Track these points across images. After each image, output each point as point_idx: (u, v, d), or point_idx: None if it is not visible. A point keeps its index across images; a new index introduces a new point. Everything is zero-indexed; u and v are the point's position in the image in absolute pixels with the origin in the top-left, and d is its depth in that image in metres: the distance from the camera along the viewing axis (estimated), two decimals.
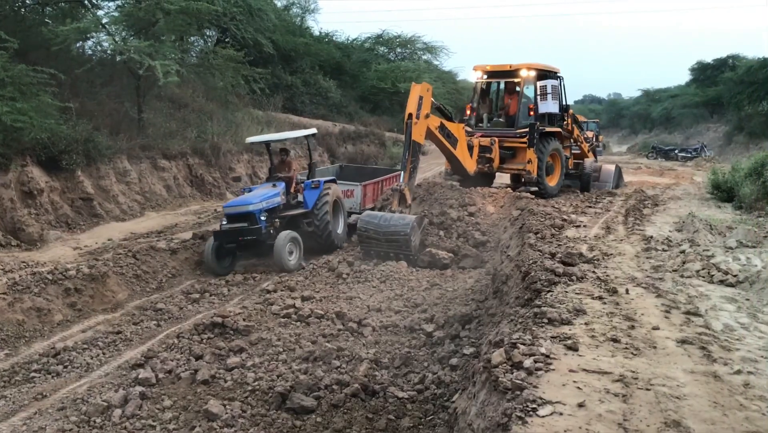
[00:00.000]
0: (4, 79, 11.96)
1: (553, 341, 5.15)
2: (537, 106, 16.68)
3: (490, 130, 17.15)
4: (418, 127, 13.37)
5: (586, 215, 12.81)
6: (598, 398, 4.19)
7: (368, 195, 15.63)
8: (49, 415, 6.77)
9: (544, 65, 17.29)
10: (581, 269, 7.41)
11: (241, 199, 13.18)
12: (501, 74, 17.65)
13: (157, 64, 15.13)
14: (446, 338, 8.40)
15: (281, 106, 26.77)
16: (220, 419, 6.46)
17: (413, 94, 13.45)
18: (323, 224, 13.56)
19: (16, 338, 9.11)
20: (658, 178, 22.33)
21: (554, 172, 17.30)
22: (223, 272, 12.38)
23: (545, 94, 16.65)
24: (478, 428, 4.31)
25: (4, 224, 12.36)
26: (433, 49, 45.17)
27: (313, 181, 14.03)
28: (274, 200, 13.07)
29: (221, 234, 12.33)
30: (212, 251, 12.28)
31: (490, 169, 16.60)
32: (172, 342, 8.43)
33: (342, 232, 14.50)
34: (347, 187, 15.42)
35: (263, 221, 12.42)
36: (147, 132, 17.40)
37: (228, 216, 12.46)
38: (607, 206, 14.36)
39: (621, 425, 3.85)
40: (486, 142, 16.32)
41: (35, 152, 13.42)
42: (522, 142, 16.48)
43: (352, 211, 15.24)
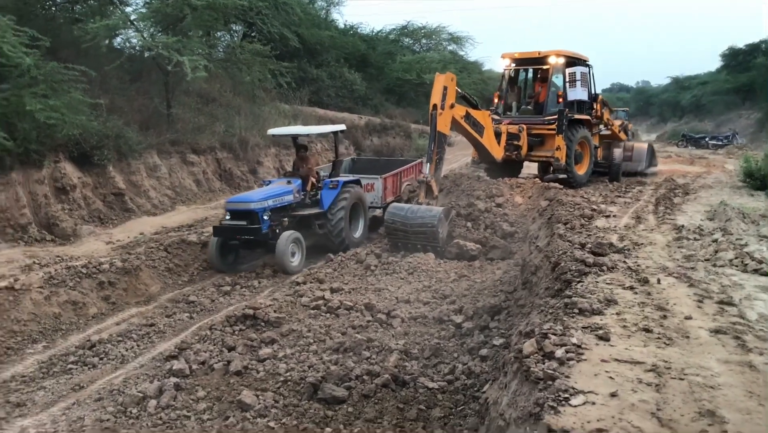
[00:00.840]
0: (37, 76, 12.16)
1: (584, 331, 5.14)
2: (566, 93, 16.54)
3: (518, 118, 17.04)
4: (443, 118, 13.32)
5: (615, 205, 12.72)
6: (630, 388, 4.18)
7: (389, 188, 15.26)
8: (87, 405, 6.94)
9: (572, 53, 17.13)
10: (612, 259, 7.36)
11: (244, 195, 12.90)
12: (529, 62, 17.52)
13: (185, 59, 15.28)
14: (475, 329, 8.41)
15: (307, 99, 26.86)
16: (253, 409, 6.56)
17: (437, 85, 13.40)
18: (336, 227, 13.13)
19: (53, 330, 9.34)
20: (688, 166, 22.02)
21: (583, 160, 17.14)
22: (227, 269, 12.17)
23: (574, 81, 16.51)
24: (510, 418, 4.33)
25: (39, 220, 12.62)
26: (459, 39, 44.97)
27: (332, 181, 13.53)
28: (285, 198, 12.61)
29: (221, 230, 12.05)
30: (216, 248, 12.05)
31: (518, 156, 16.49)
32: (205, 334, 8.56)
33: (361, 234, 14.09)
34: (367, 181, 14.89)
35: (266, 220, 11.98)
36: (176, 127, 17.59)
37: (230, 212, 12.15)
38: (636, 196, 14.22)
39: (654, 414, 3.85)
40: (514, 130, 16.22)
41: (67, 149, 13.67)
42: (550, 129, 16.34)
43: (374, 205, 14.94)
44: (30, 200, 12.59)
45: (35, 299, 9.52)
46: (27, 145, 12.27)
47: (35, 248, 11.76)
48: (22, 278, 9.73)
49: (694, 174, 18.84)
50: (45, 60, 12.66)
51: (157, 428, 6.38)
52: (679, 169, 20.60)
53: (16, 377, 7.88)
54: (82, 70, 13.26)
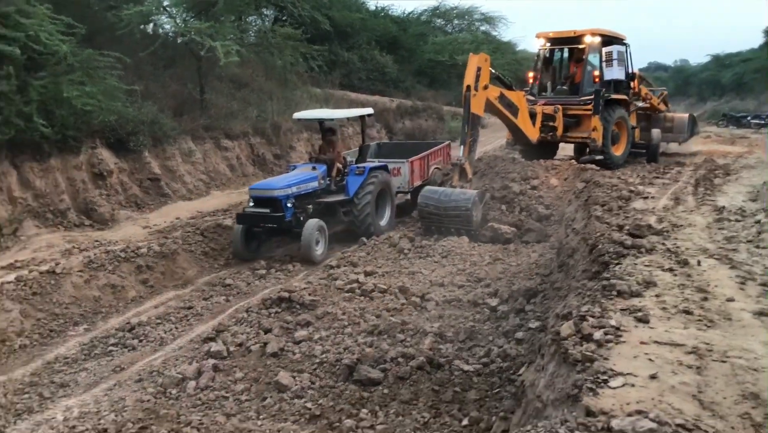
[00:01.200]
0: (73, 64, 12.34)
1: (622, 313, 5.07)
2: (602, 73, 16.23)
3: (554, 98, 16.78)
4: (477, 99, 13.18)
5: (653, 186, 12.48)
6: (671, 370, 4.12)
7: (416, 172, 14.75)
8: (128, 386, 7.08)
9: (609, 31, 16.81)
10: (650, 241, 7.23)
11: (268, 182, 12.58)
12: (565, 41, 17.22)
13: (217, 44, 15.36)
14: (511, 312, 8.36)
15: (338, 83, 26.83)
16: (290, 390, 6.64)
17: (471, 66, 13.25)
18: (362, 215, 12.69)
19: (93, 313, 9.54)
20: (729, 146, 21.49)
21: (620, 141, 16.81)
22: (250, 257, 11.92)
23: (611, 60, 16.16)
24: (548, 400, 4.30)
25: (77, 205, 12.86)
26: (491, 19, 44.42)
27: (358, 167, 13.06)
28: (309, 185, 12.25)
29: (244, 217, 11.83)
30: (241, 235, 11.81)
31: (554, 138, 16.26)
32: (242, 316, 8.67)
33: (387, 222, 13.60)
34: (393, 166, 14.37)
35: (290, 207, 11.63)
36: (209, 113, 17.73)
37: (253, 199, 11.90)
38: (675, 177, 13.95)
39: (696, 396, 3.78)
40: (549, 111, 15.97)
41: (104, 135, 13.88)
42: (587, 109, 16.06)
43: (401, 190, 14.48)
44: (68, 186, 12.83)
45: (76, 283, 9.72)
46: (65, 131, 12.48)
47: (74, 232, 12.00)
48: (62, 262, 9.95)
49: (735, 154, 18.38)
50: (81, 47, 12.83)
51: (196, 408, 6.49)
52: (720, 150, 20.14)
53: (59, 359, 8.08)
54: (117, 56, 13.42)
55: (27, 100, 11.43)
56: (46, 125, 11.69)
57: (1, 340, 8.39)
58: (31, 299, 9.10)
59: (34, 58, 11.82)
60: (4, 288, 8.90)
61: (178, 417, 6.20)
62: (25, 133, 11.57)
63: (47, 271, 9.59)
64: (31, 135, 11.74)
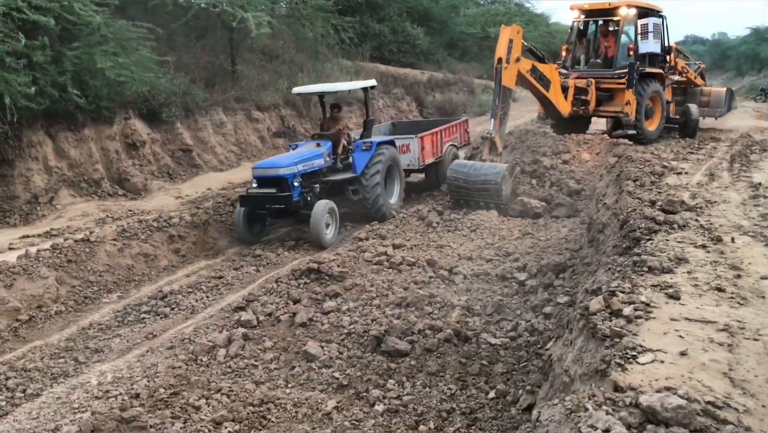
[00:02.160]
0: (107, 35, 12.46)
1: (653, 289, 5.03)
2: (637, 46, 15.87)
3: (587, 72, 16.49)
4: (509, 72, 12.99)
5: (687, 162, 12.26)
6: (701, 347, 4.08)
7: (426, 148, 13.86)
8: (160, 353, 7.23)
9: (645, 3, 16.40)
10: (683, 217, 7.14)
11: (272, 160, 11.81)
12: (599, 13, 16.83)
13: (249, 16, 15.37)
14: (539, 286, 8.34)
15: (369, 55, 26.67)
16: (318, 360, 6.73)
17: (503, 38, 13.03)
18: (372, 193, 11.95)
19: (126, 281, 9.72)
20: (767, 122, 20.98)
21: (654, 116, 16.49)
22: (254, 240, 11.40)
23: (646, 33, 15.78)
24: (575, 375, 4.30)
25: (111, 175, 13.06)
26: None
27: (365, 142, 12.28)
28: (315, 162, 11.56)
29: (248, 199, 11.12)
30: (243, 218, 11.17)
31: (586, 111, 15.98)
32: (271, 286, 8.77)
33: (396, 200, 12.88)
34: (402, 142, 13.55)
35: (296, 187, 10.95)
36: (241, 84, 17.78)
37: (257, 179, 11.14)
38: (710, 152, 13.67)
39: (726, 374, 3.75)
40: (582, 84, 15.69)
41: (137, 105, 14.04)
42: (620, 83, 15.74)
43: (411, 168, 13.78)
44: (102, 156, 13.03)
45: (109, 251, 9.90)
46: (98, 102, 12.65)
47: (108, 202, 12.21)
48: (96, 231, 10.13)
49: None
50: (114, 18, 12.94)
51: (226, 375, 6.61)
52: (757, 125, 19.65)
53: (94, 325, 8.27)
54: (150, 27, 13.52)
55: (61, 71, 11.58)
56: (81, 96, 11.85)
57: (38, 306, 8.61)
58: (67, 266, 9.30)
59: (68, 29, 11.96)
60: (41, 255, 9.10)
61: (208, 384, 6.32)
62: (60, 103, 11.75)
63: (82, 239, 9.77)
64: (66, 105, 11.92)
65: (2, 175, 11.23)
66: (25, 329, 8.18)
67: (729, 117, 19.51)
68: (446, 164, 13.88)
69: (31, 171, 11.60)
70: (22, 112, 10.90)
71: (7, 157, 11.15)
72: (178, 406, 5.88)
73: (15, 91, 10.49)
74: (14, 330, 8.10)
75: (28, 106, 10.86)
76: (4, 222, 10.87)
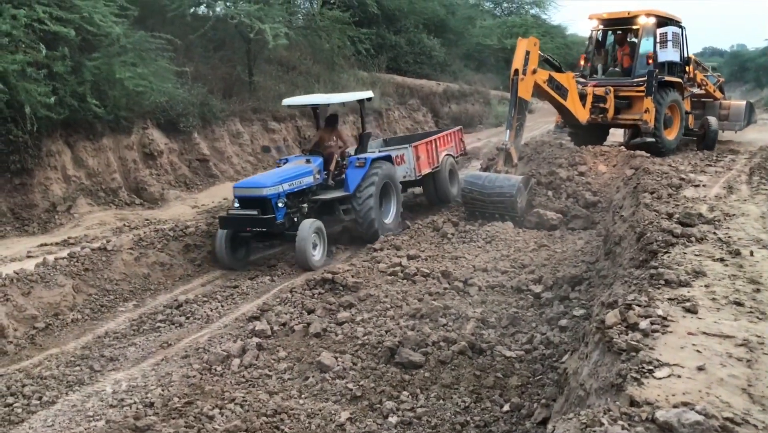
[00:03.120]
0: (126, 45, 12.58)
1: (670, 303, 4.97)
2: (656, 54, 15.83)
3: (605, 80, 16.45)
4: (525, 84, 12.96)
5: (705, 174, 12.16)
6: (719, 362, 4.02)
7: (422, 158, 13.20)
8: (174, 362, 7.25)
9: (664, 12, 16.38)
10: (701, 230, 7.06)
11: (255, 179, 11.07)
12: (618, 22, 16.82)
13: (266, 27, 15.47)
14: (555, 299, 8.28)
15: (385, 66, 26.75)
16: (332, 371, 6.72)
17: (519, 49, 13.00)
18: (365, 211, 11.22)
19: (142, 290, 9.77)
20: None
21: (673, 125, 16.39)
22: (238, 266, 10.65)
23: (665, 41, 15.76)
24: (591, 388, 4.25)
25: (128, 184, 13.17)
26: (541, 2, 43.61)
27: (359, 159, 11.53)
28: (304, 180, 10.82)
29: (228, 221, 10.38)
30: (224, 242, 10.39)
31: (604, 119, 15.91)
32: (286, 296, 8.78)
33: (392, 220, 12.16)
34: (396, 153, 12.88)
35: (281, 208, 10.26)
36: (257, 95, 17.89)
37: (239, 199, 10.46)
38: (729, 165, 13.56)
39: (745, 390, 3.69)
40: (600, 92, 15.64)
41: (155, 115, 14.17)
42: (639, 91, 15.67)
43: (407, 179, 13.04)
44: (120, 165, 13.15)
45: (126, 260, 9.96)
46: (117, 112, 12.77)
47: (125, 211, 12.30)
48: (113, 240, 10.21)
49: None
50: (133, 29, 13.07)
51: (240, 385, 6.62)
52: None
53: (110, 333, 8.31)
54: (168, 38, 13.64)
55: (81, 81, 11.71)
56: (99, 105, 11.97)
57: (55, 314, 8.67)
58: (83, 274, 9.37)
59: (88, 40, 12.10)
60: (58, 264, 9.18)
61: (222, 393, 6.33)
62: (79, 113, 11.88)
63: (99, 248, 9.84)
64: (85, 115, 12.05)
65: (21, 183, 11.36)
66: (42, 336, 8.24)
67: (747, 129, 19.34)
68: (444, 176, 13.70)
69: (50, 180, 11.72)
70: (42, 121, 11.03)
71: (27, 166, 11.28)
72: (191, 415, 5.89)
73: (35, 101, 10.62)
74: (31, 338, 8.15)
75: (48, 115, 10.99)
76: (22, 230, 10.99)
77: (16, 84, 10.39)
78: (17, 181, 11.28)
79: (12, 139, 10.81)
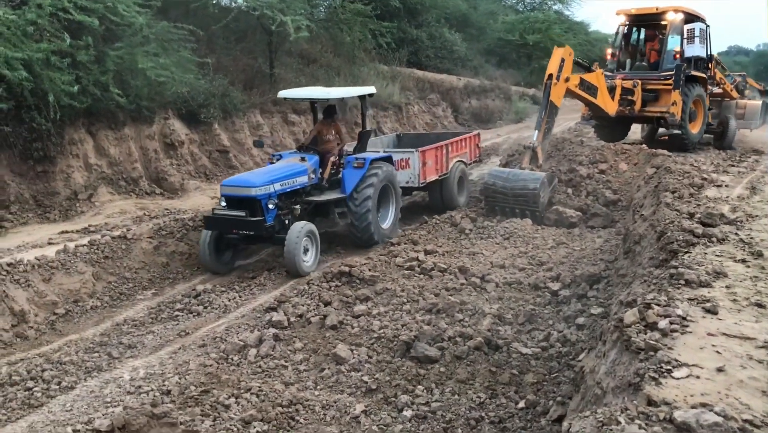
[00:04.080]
0: (149, 35, 12.65)
1: (690, 303, 4.92)
2: (683, 49, 15.98)
3: (633, 73, 16.62)
4: (557, 89, 13.09)
5: (728, 174, 12.01)
6: (739, 364, 3.98)
7: (429, 164, 12.49)
8: (192, 351, 7.30)
9: (691, 9, 16.48)
10: (722, 231, 6.98)
11: (244, 177, 10.30)
12: (646, 18, 17.00)
13: (288, 19, 15.50)
14: (573, 297, 8.24)
15: (406, 60, 26.69)
16: (347, 363, 6.74)
17: (555, 57, 13.22)
18: (361, 216, 10.56)
19: (161, 279, 9.86)
20: None
21: (696, 119, 16.60)
22: (222, 270, 10.07)
23: (692, 37, 15.99)
24: (608, 387, 4.23)
25: (149, 174, 13.26)
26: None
27: (357, 159, 10.84)
28: (297, 180, 10.18)
29: (214, 222, 9.74)
30: (208, 244, 9.78)
31: (631, 111, 16.12)
32: (303, 288, 8.81)
33: (389, 225, 11.43)
34: (401, 156, 12.24)
35: (271, 210, 9.65)
36: (278, 87, 17.85)
37: (226, 198, 9.79)
38: (752, 165, 13.40)
39: (765, 392, 3.64)
40: (628, 85, 15.84)
41: (176, 106, 14.24)
42: (666, 84, 15.88)
43: (410, 185, 12.44)
44: (141, 155, 13.24)
45: (145, 249, 10.05)
46: (139, 102, 12.85)
47: (145, 200, 12.39)
48: (133, 228, 10.29)
49: None
50: (156, 20, 13.14)
51: (256, 375, 6.66)
52: None
53: (128, 321, 8.39)
54: (190, 29, 13.70)
55: (104, 70, 11.80)
56: (122, 95, 12.05)
57: (74, 300, 8.78)
58: (103, 262, 9.47)
59: (112, 29, 12.19)
60: (79, 251, 9.27)
61: (238, 383, 6.37)
62: (102, 102, 11.96)
63: (119, 236, 9.94)
64: (107, 104, 12.14)
65: (44, 171, 11.47)
66: (62, 322, 8.34)
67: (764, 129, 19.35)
68: (452, 183, 13.15)
69: (72, 168, 11.83)
70: (65, 110, 11.12)
71: (49, 153, 11.38)
72: (208, 404, 5.94)
73: (58, 90, 10.71)
74: (51, 323, 8.26)
75: (71, 104, 11.08)
76: (44, 217, 11.10)
77: (40, 72, 10.49)
78: (40, 169, 11.39)
79: (35, 127, 10.91)
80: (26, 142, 11.01)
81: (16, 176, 11.14)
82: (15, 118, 10.68)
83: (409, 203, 12.60)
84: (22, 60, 10.10)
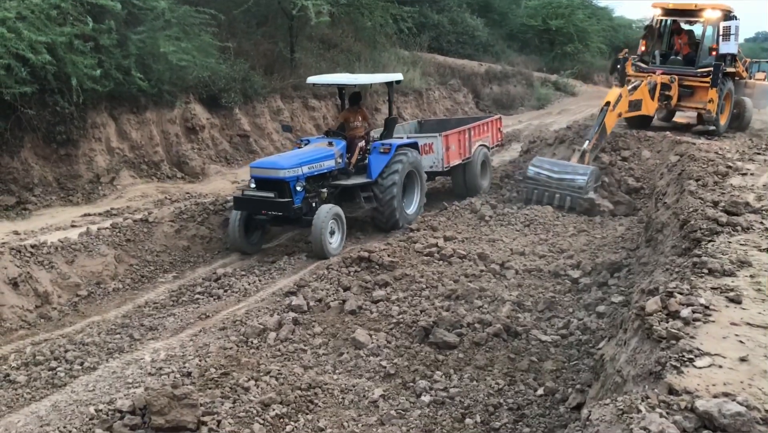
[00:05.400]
0: (171, 20, 12.68)
1: (713, 292, 4.87)
2: (719, 47, 15.94)
3: (668, 68, 16.58)
4: (611, 117, 13.28)
5: (753, 163, 11.82)
6: (763, 354, 3.94)
7: (452, 149, 12.59)
8: (212, 333, 7.36)
9: (726, 6, 16.41)
10: (747, 219, 6.88)
11: (273, 159, 10.64)
12: (684, 13, 16.95)
13: (309, 4, 15.43)
14: (593, 285, 8.19)
15: (427, 46, 26.49)
16: (366, 348, 6.76)
17: (615, 91, 13.78)
18: (387, 201, 10.72)
19: (182, 262, 9.95)
20: None
21: (724, 111, 16.61)
22: (251, 250, 10.26)
23: (728, 34, 15.94)
24: (628, 375, 4.20)
25: (170, 158, 13.34)
26: None
27: (383, 144, 11.01)
28: (325, 164, 10.36)
29: (243, 202, 9.92)
30: (238, 224, 9.96)
31: (668, 106, 16.23)
32: (322, 273, 8.83)
33: (414, 210, 11.59)
34: (424, 141, 12.33)
35: (299, 192, 9.80)
36: (299, 72, 17.87)
37: (255, 180, 9.97)
38: None
39: None
40: (666, 80, 15.82)
41: (197, 90, 14.27)
42: (703, 81, 15.87)
43: (434, 170, 12.50)
44: (162, 139, 13.31)
45: (166, 232, 10.14)
46: (160, 86, 12.90)
47: (167, 184, 12.47)
48: (155, 212, 10.38)
49: None
50: (178, 4, 13.16)
51: (276, 358, 6.70)
52: None
53: (149, 303, 8.48)
54: (212, 13, 13.70)
55: (126, 54, 11.85)
56: (143, 79, 12.10)
57: (97, 282, 8.89)
58: (125, 245, 9.57)
59: (134, 13, 12.23)
60: (101, 234, 9.37)
61: (258, 366, 6.42)
62: (124, 86, 12.03)
63: (141, 219, 10.03)
64: (129, 88, 12.19)
65: (67, 154, 11.57)
66: (84, 304, 8.46)
67: None
68: (476, 167, 13.25)
69: (94, 151, 11.93)
70: (88, 93, 11.19)
71: (72, 137, 11.48)
72: (227, 386, 5.98)
73: (81, 73, 10.78)
74: (74, 305, 8.38)
75: (94, 88, 11.15)
76: (67, 200, 11.21)
77: (63, 56, 10.56)
78: (63, 152, 11.50)
79: (58, 111, 10.99)
80: (49, 125, 11.11)
81: (40, 159, 11.25)
82: (39, 101, 10.76)
83: (429, 189, 12.49)
84: (46, 44, 10.16)
